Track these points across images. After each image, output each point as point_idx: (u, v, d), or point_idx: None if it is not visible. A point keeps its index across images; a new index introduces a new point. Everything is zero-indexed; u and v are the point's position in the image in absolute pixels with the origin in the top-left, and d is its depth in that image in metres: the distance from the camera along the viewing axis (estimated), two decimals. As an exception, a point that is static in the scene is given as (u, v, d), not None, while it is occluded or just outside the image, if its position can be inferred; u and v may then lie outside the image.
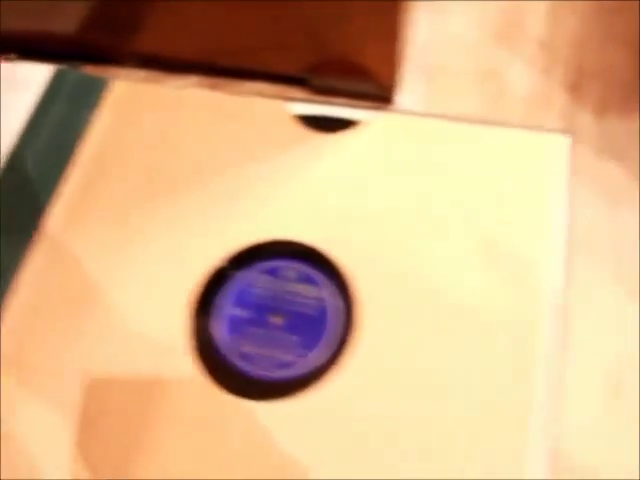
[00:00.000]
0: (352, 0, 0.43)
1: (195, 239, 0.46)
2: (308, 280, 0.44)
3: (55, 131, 0.52)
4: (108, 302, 0.44)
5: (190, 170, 0.49)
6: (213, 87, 0.53)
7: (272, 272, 0.44)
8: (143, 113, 0.52)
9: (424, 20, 0.56)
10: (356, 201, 0.47)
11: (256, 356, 0.42)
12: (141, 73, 0.54)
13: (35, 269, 0.45)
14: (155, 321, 0.43)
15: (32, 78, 0.54)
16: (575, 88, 0.52)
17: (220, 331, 0.43)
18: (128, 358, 0.43)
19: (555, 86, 0.52)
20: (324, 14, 0.45)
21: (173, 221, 0.47)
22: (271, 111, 0.50)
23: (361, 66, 0.49)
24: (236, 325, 0.43)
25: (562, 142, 0.47)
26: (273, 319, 0.43)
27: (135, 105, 0.52)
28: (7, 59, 0.54)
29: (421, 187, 0.47)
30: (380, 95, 0.51)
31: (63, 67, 0.54)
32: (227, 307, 0.44)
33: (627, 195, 0.47)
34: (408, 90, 0.52)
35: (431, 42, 0.55)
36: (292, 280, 0.44)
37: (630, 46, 0.53)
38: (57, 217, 0.48)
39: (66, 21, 0.53)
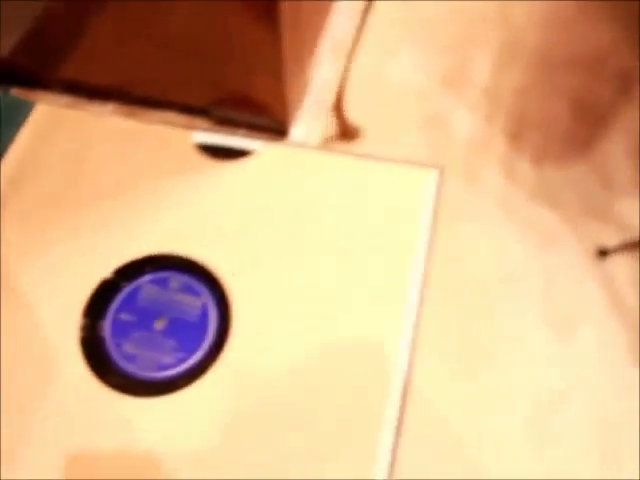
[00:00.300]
0: (239, 41, 0.48)
1: (93, 251, 0.51)
2: (191, 290, 0.49)
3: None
4: (8, 305, 0.49)
5: (96, 190, 0.54)
6: (129, 114, 0.58)
7: (159, 282, 0.49)
8: (61, 135, 0.57)
9: (331, 61, 0.61)
10: (239, 221, 0.52)
11: (139, 357, 0.47)
12: (65, 98, 0.59)
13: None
14: (49, 322, 0.48)
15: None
16: (515, 136, 0.54)
17: (107, 333, 0.48)
18: (21, 354, 0.47)
19: (496, 132, 0.54)
20: (218, 53, 0.50)
21: (76, 233, 0.52)
22: (174, 139, 0.56)
23: (255, 100, 0.54)
24: (122, 328, 0.48)
25: (429, 175, 0.53)
26: (156, 325, 0.48)
27: (55, 128, 0.57)
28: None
29: (299, 212, 0.52)
30: (275, 128, 0.56)
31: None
32: (115, 312, 0.48)
33: (558, 239, 0.50)
34: (307, 125, 0.57)
35: (359, 83, 0.58)
36: (176, 290, 0.49)
37: (570, 99, 0.56)
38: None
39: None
